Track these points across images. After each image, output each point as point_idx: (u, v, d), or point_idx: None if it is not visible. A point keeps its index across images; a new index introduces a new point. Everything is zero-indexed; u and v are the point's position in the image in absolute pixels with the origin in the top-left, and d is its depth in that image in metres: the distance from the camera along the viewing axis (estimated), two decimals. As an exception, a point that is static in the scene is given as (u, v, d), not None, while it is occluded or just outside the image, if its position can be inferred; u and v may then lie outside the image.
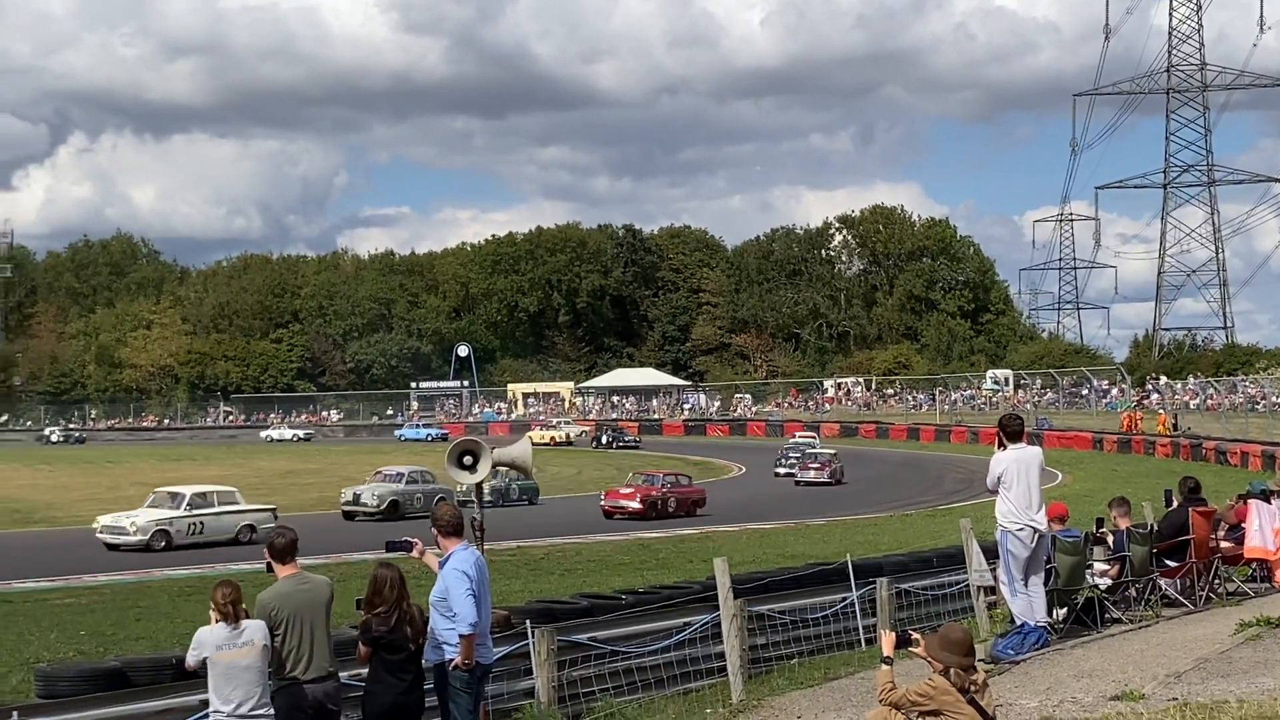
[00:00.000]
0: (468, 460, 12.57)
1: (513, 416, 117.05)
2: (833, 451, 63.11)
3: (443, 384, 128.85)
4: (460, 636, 9.33)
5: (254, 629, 9.06)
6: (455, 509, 9.87)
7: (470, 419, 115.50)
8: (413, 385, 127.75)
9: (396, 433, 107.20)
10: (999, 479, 13.60)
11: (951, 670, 8.25)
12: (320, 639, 9.27)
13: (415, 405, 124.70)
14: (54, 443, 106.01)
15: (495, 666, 10.42)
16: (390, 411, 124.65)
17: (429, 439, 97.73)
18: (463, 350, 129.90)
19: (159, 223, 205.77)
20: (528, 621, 12.43)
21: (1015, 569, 13.57)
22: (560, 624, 12.93)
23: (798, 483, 57.40)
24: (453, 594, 9.38)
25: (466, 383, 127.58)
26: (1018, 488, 13.53)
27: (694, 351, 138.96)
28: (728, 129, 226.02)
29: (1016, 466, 13.56)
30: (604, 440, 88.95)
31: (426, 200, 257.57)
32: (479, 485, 12.80)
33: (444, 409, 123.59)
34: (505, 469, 13.42)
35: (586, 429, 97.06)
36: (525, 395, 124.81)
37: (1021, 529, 13.52)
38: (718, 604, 13.08)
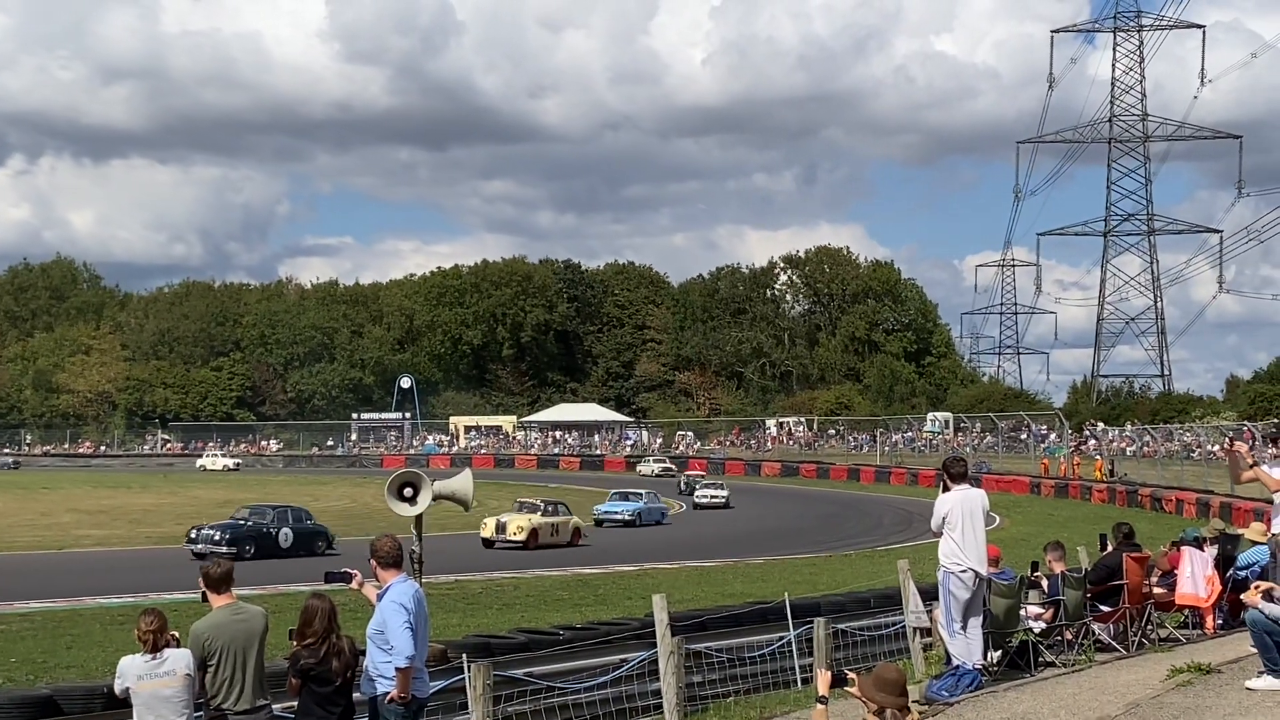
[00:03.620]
0: (408, 492, 12.53)
1: (454, 449, 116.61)
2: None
3: (384, 415, 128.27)
4: (396, 669, 9.29)
5: (176, 658, 8.99)
6: (394, 540, 9.84)
7: (412, 451, 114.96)
8: (354, 416, 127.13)
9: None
10: (944, 520, 13.66)
11: (887, 710, 8.29)
12: (253, 671, 9.22)
13: (355, 436, 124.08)
14: None
15: (430, 701, 10.38)
16: (330, 442, 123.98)
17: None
18: (405, 382, 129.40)
19: (98, 247, 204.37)
20: (464, 655, 12.38)
21: (955, 611, 13.64)
22: (497, 659, 12.87)
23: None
24: (390, 626, 9.35)
25: (408, 415, 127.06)
26: (962, 529, 13.60)
27: (637, 388, 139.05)
28: (671, 166, 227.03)
29: (961, 508, 13.63)
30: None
31: (369, 231, 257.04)
32: (418, 517, 12.76)
33: (385, 441, 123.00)
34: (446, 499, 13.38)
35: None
36: (467, 428, 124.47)
37: (964, 570, 13.59)
38: (655, 641, 13.08)
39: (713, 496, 69.99)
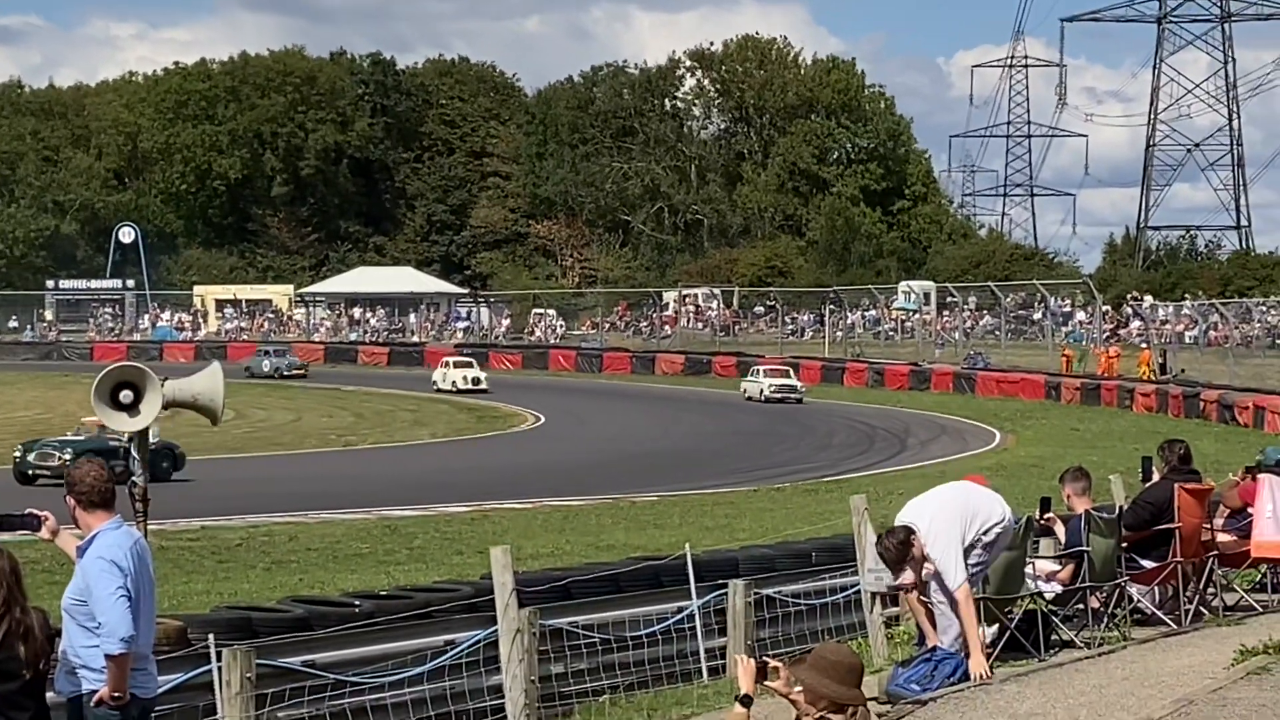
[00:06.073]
0: (127, 397, 12.42)
1: (201, 334, 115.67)
2: None
3: (95, 284, 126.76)
4: (107, 657, 9.23)
5: None
6: (102, 469, 9.73)
7: (137, 336, 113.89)
8: (49, 284, 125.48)
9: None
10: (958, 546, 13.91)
11: (842, 712, 8.29)
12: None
13: (51, 315, 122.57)
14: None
15: (160, 702, 10.35)
16: (14, 323, 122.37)
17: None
18: (126, 234, 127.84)
19: None
20: (211, 637, 12.36)
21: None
22: (262, 641, 12.90)
23: None
24: (97, 594, 9.27)
25: (132, 282, 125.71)
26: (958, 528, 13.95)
27: (474, 244, 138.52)
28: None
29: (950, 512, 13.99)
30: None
31: (67, 7, 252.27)
32: (142, 434, 12.66)
33: (96, 320, 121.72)
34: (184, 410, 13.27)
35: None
36: (221, 303, 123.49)
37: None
38: (495, 615, 13.13)
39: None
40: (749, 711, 8.39)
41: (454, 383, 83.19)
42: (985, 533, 14.08)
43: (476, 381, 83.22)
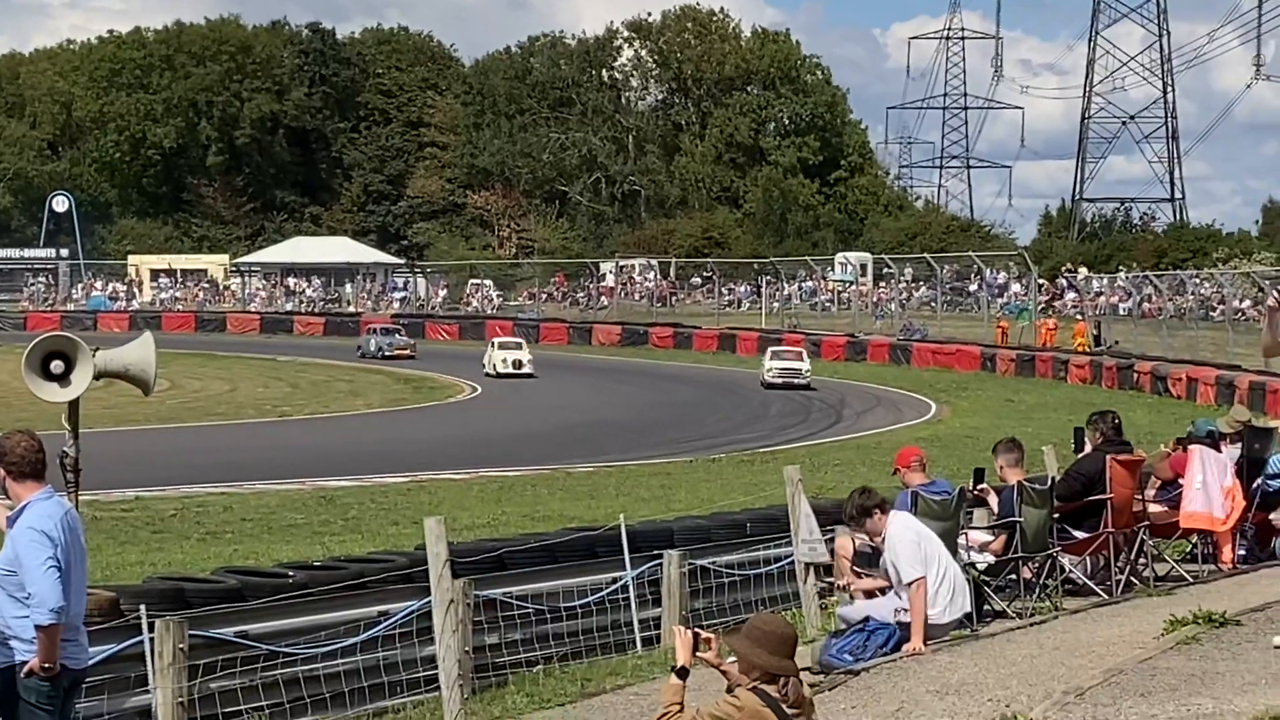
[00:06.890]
0: (57, 367, 12.36)
1: (135, 304, 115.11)
2: None
3: (28, 253, 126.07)
4: (37, 628, 9.21)
5: None
6: (32, 439, 9.68)
7: (71, 306, 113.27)
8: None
9: None
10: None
11: (780, 681, 8.29)
12: None
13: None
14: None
15: (91, 673, 10.31)
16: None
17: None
18: (60, 203, 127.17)
19: None
20: (144, 607, 12.32)
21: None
22: (195, 612, 12.86)
23: None
24: (27, 565, 9.24)
25: (66, 251, 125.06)
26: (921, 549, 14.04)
27: (410, 215, 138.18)
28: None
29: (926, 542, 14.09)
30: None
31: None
32: (73, 404, 12.60)
33: (29, 289, 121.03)
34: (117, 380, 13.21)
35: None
36: (156, 273, 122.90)
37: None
38: (429, 585, 13.13)
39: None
40: (684, 684, 8.39)
41: (495, 365, 73.54)
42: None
43: (519, 365, 73.63)
